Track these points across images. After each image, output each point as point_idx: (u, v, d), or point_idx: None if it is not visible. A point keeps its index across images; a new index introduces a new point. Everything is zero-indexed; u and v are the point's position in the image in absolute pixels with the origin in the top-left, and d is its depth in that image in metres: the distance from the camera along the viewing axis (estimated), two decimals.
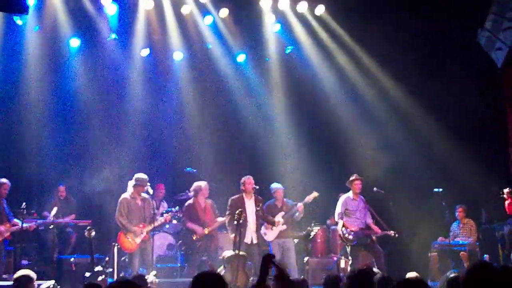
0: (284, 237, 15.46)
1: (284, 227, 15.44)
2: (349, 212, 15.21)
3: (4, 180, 14.63)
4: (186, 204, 15.41)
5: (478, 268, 5.69)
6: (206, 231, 14.99)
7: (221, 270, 13.87)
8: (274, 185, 15.84)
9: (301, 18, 18.13)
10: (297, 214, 15.67)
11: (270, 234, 15.38)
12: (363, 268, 8.72)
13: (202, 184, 15.35)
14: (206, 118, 18.37)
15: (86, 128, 17.36)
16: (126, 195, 14.57)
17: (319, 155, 18.16)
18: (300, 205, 15.59)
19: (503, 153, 14.39)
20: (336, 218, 15.42)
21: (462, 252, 15.84)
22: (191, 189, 15.46)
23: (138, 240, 14.34)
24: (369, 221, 15.30)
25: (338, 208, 15.30)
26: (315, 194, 15.66)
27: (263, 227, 15.31)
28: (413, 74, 17.02)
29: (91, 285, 7.83)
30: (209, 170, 17.32)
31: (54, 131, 17.03)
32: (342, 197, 15.41)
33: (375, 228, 15.24)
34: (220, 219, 15.20)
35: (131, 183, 14.57)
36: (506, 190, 15.20)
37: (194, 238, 15.03)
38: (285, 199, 15.79)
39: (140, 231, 14.33)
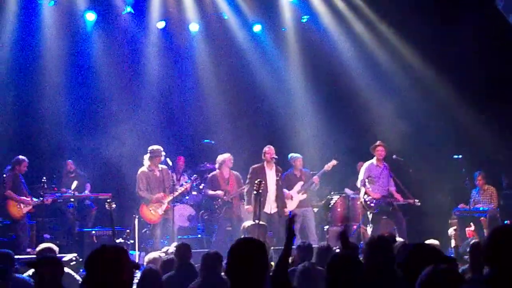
0: (304, 207, 15.51)
1: (304, 196, 15.49)
2: (372, 179, 15.15)
3: (23, 157, 14.64)
4: (210, 175, 15.36)
5: (500, 231, 5.65)
6: (226, 197, 14.98)
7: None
8: (293, 155, 15.83)
9: None
10: (313, 185, 15.73)
11: (290, 204, 15.35)
12: (383, 235, 8.69)
13: (226, 156, 15.27)
14: (223, 89, 18.22)
15: (103, 102, 17.28)
16: (143, 168, 14.56)
17: (336, 124, 18.04)
18: (315, 177, 15.66)
19: None
20: (358, 185, 15.41)
21: (482, 218, 15.81)
22: (217, 161, 15.35)
23: (160, 211, 14.36)
24: (392, 188, 15.24)
25: (361, 175, 15.24)
26: (334, 162, 15.65)
27: None
28: (430, 40, 16.91)
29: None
30: (227, 141, 17.25)
31: (71, 105, 16.98)
32: (366, 164, 15.35)
33: (397, 196, 15.19)
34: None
35: (146, 157, 14.56)
36: None
37: (216, 205, 15.01)
38: (303, 169, 15.84)
39: (161, 202, 14.36)
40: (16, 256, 11.90)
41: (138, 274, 8.27)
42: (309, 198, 15.67)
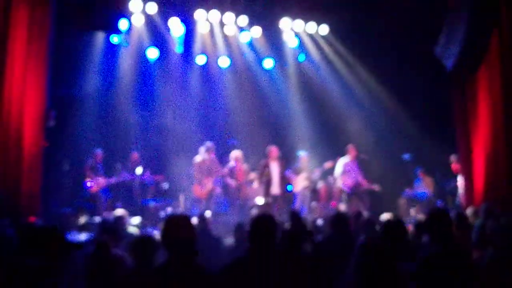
0: (306, 190, 15.77)
1: (307, 183, 15.60)
2: (346, 171, 15.32)
3: (97, 151, 15.07)
4: (229, 167, 15.41)
5: (436, 211, 5.90)
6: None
7: (253, 211, 14.01)
8: (301, 152, 16.19)
9: (311, 36, 18.07)
10: (315, 175, 16.07)
11: (296, 187, 15.63)
12: (339, 212, 8.78)
13: (238, 153, 15.57)
14: (244, 104, 18.20)
15: (168, 122, 17.42)
16: (198, 157, 14.78)
17: (324, 133, 18.20)
18: (317, 169, 16.15)
19: (452, 130, 14.34)
20: (335, 175, 15.56)
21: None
22: (231, 156, 15.57)
23: (206, 189, 14.55)
24: (360, 178, 15.40)
25: (339, 168, 15.41)
26: (330, 163, 15.92)
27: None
28: (393, 76, 17.00)
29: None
30: (246, 143, 17.21)
31: (141, 120, 17.17)
32: (341, 160, 15.51)
33: (364, 183, 15.37)
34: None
35: (202, 149, 14.78)
36: (452, 157, 15.34)
37: (230, 190, 15.19)
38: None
39: (207, 182, 14.53)
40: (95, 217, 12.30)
41: None
42: (310, 184, 15.82)
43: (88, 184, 14.72)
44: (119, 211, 10.36)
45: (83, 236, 9.73)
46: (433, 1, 14.05)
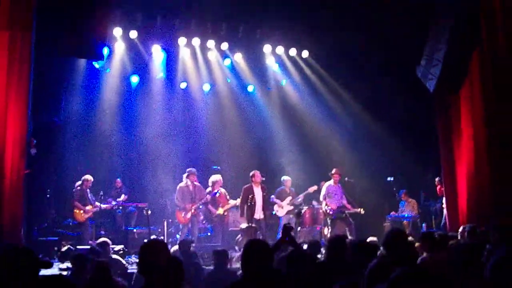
0: (289, 214, 15.64)
1: (291, 207, 15.60)
2: (330, 194, 15.37)
3: (88, 177, 14.91)
4: (206, 191, 15.32)
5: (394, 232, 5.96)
6: (220, 211, 15.04)
7: (239, 237, 14.04)
8: (285, 177, 16.11)
9: (293, 61, 18.28)
10: (299, 199, 15.93)
11: (280, 211, 15.62)
12: (339, 235, 8.81)
13: (218, 177, 15.40)
14: (227, 129, 18.42)
15: (151, 139, 17.31)
16: (182, 184, 14.71)
17: (307, 156, 18.28)
18: (301, 195, 15.95)
19: (435, 152, 14.54)
20: (321, 199, 15.58)
21: (404, 222, 15.98)
22: (210, 180, 15.41)
23: (188, 215, 14.47)
24: (344, 201, 15.47)
25: (323, 192, 15.48)
26: (314, 187, 15.96)
27: (275, 206, 15.56)
28: (373, 98, 17.20)
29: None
30: (229, 167, 17.40)
31: (124, 143, 17.24)
32: (326, 184, 15.60)
33: (348, 206, 15.42)
34: (231, 201, 15.20)
35: (185, 175, 14.69)
36: (437, 179, 15.45)
37: (213, 217, 15.12)
38: (291, 188, 16.01)
39: (188, 210, 14.45)
40: (79, 247, 12.20)
41: None
42: (294, 208, 15.74)
43: (78, 214, 14.64)
44: (103, 239, 10.36)
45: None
46: (414, 23, 14.31)
